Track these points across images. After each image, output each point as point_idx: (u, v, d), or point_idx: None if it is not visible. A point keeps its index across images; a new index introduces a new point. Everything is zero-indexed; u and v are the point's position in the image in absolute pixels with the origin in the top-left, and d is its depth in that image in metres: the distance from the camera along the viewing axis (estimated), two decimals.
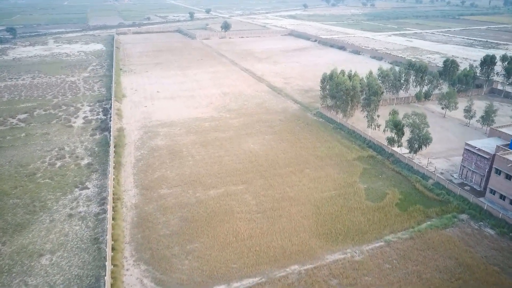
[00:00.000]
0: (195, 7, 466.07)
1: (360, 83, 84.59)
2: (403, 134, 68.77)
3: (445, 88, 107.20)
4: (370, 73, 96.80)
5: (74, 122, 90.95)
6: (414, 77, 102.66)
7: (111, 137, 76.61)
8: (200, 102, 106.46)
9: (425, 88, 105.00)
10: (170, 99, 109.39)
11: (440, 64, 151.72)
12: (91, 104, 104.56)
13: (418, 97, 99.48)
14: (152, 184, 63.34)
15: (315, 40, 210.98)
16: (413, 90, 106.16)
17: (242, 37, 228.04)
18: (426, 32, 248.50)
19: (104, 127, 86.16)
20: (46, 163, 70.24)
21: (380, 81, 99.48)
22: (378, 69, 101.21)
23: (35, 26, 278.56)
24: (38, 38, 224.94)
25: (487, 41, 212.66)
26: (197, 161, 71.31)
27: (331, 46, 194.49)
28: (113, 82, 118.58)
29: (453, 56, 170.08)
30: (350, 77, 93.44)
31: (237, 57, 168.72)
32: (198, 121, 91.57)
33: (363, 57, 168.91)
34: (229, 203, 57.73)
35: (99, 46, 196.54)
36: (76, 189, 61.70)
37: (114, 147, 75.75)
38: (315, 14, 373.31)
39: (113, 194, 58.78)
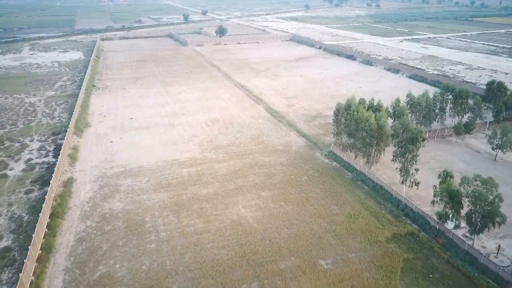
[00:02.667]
0: (192, 8, 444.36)
1: (392, 127, 62.65)
2: (461, 208, 47.17)
3: (488, 117, 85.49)
4: (397, 101, 75.10)
5: (11, 169, 69.31)
6: (452, 105, 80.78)
7: (45, 202, 54.98)
8: (181, 135, 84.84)
9: (465, 117, 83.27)
10: (145, 130, 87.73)
11: (468, 78, 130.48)
12: (43, 138, 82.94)
13: (457, 131, 77.74)
14: None
15: (320, 47, 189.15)
16: (448, 120, 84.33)
17: (238, 43, 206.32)
18: (441, 37, 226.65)
19: (49, 177, 64.55)
20: None
21: (409, 111, 77.87)
22: (407, 96, 79.36)
23: (15, 30, 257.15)
24: (13, 44, 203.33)
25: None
26: (162, 242, 49.74)
27: (338, 54, 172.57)
28: (76, 106, 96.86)
29: (479, 67, 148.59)
30: (372, 108, 71.89)
31: (231, 69, 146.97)
32: (174, 166, 69.92)
33: (376, 68, 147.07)
34: None
35: (77, 55, 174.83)
36: None
37: (51, 216, 54.32)
38: (317, 16, 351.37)
39: None
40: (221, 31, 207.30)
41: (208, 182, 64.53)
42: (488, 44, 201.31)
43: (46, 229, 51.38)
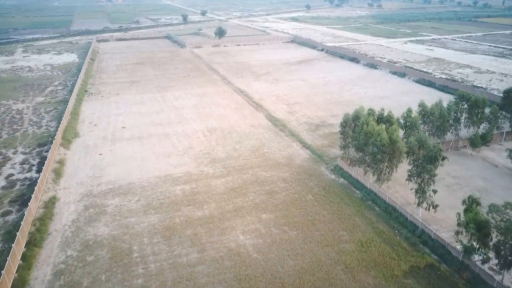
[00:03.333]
0: (191, 8, 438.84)
1: (408, 143, 56.90)
2: (490, 240, 41.53)
3: (505, 127, 79.77)
4: (409, 112, 69.33)
5: None
6: (467, 115, 75.03)
7: (20, 228, 49.28)
8: (175, 146, 79.14)
9: (481, 128, 77.57)
10: (137, 140, 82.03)
11: (477, 83, 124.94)
12: (27, 150, 77.26)
13: (473, 143, 72.05)
14: None
15: (322, 49, 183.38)
16: (463, 130, 78.59)
17: (238, 44, 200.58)
18: (446, 38, 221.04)
19: (29, 197, 58.85)
20: None
21: (421, 121, 72.19)
22: (419, 105, 73.57)
23: (10, 31, 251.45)
24: (6, 46, 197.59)
25: None
26: (151, 276, 44.06)
27: (341, 57, 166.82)
28: (65, 114, 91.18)
29: (488, 70, 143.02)
30: (382, 119, 66.27)
31: (231, 73, 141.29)
32: (167, 183, 64.25)
33: (381, 72, 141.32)
34: None
35: (71, 57, 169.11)
36: None
37: (27, 244, 48.69)
38: (318, 16, 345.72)
39: None
40: (220, 33, 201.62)
41: (204, 202, 58.84)
42: (495, 46, 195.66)
43: (21, 261, 45.69)
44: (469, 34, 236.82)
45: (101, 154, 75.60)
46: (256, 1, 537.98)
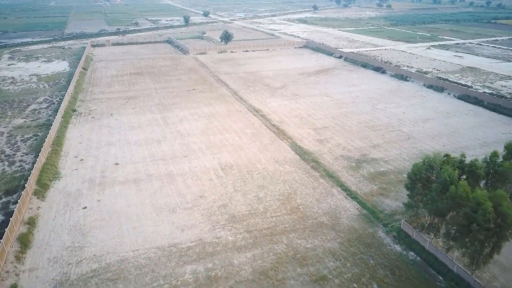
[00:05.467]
0: (192, 8, 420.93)
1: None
2: None
3: None
4: (494, 156, 51.60)
5: None
6: None
7: None
8: (182, 194, 61.50)
9: None
10: (133, 185, 64.38)
11: None
12: None
13: None
14: None
15: (340, 56, 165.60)
16: None
17: (246, 50, 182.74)
18: (470, 43, 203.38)
19: None
20: None
21: None
22: (506, 147, 55.68)
23: None
24: None
25: None
26: None
27: (364, 66, 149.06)
28: (45, 145, 73.46)
29: None
30: (462, 169, 48.72)
31: (241, 86, 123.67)
32: (173, 261, 46.65)
33: (413, 85, 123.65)
34: None
35: (62, 66, 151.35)
36: None
37: None
38: (327, 18, 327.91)
39: None
40: (227, 37, 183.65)
41: None
42: None
43: None
44: (494, 38, 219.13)
45: (85, 207, 57.94)
46: (259, 1, 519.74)
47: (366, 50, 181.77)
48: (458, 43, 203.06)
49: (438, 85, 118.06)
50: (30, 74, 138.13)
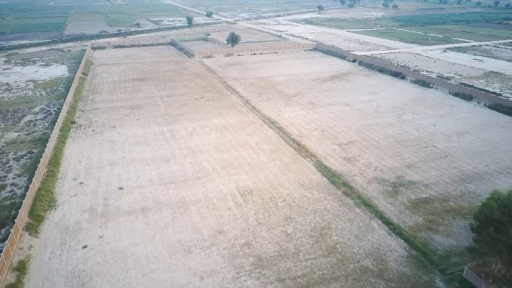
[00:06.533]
0: (194, 8, 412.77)
1: None
2: None
3: None
4: None
5: None
6: None
7: None
8: (197, 228, 52.93)
9: None
10: (140, 215, 55.83)
11: None
12: None
13: None
14: None
15: (354, 60, 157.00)
16: None
17: (254, 53, 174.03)
18: (487, 45, 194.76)
19: None
20: None
21: None
22: None
23: None
24: None
25: None
26: None
27: (381, 70, 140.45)
28: (40, 166, 64.83)
29: None
30: None
31: (253, 93, 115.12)
32: None
33: (438, 93, 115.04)
34: None
35: (60, 70, 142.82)
36: None
37: None
38: (333, 18, 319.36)
39: None
40: (233, 39, 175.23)
41: None
42: None
43: None
44: (510, 40, 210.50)
45: (85, 246, 49.38)
46: (261, 0, 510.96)
47: (380, 53, 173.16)
48: (474, 46, 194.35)
49: (465, 93, 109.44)
50: (27, 80, 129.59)
